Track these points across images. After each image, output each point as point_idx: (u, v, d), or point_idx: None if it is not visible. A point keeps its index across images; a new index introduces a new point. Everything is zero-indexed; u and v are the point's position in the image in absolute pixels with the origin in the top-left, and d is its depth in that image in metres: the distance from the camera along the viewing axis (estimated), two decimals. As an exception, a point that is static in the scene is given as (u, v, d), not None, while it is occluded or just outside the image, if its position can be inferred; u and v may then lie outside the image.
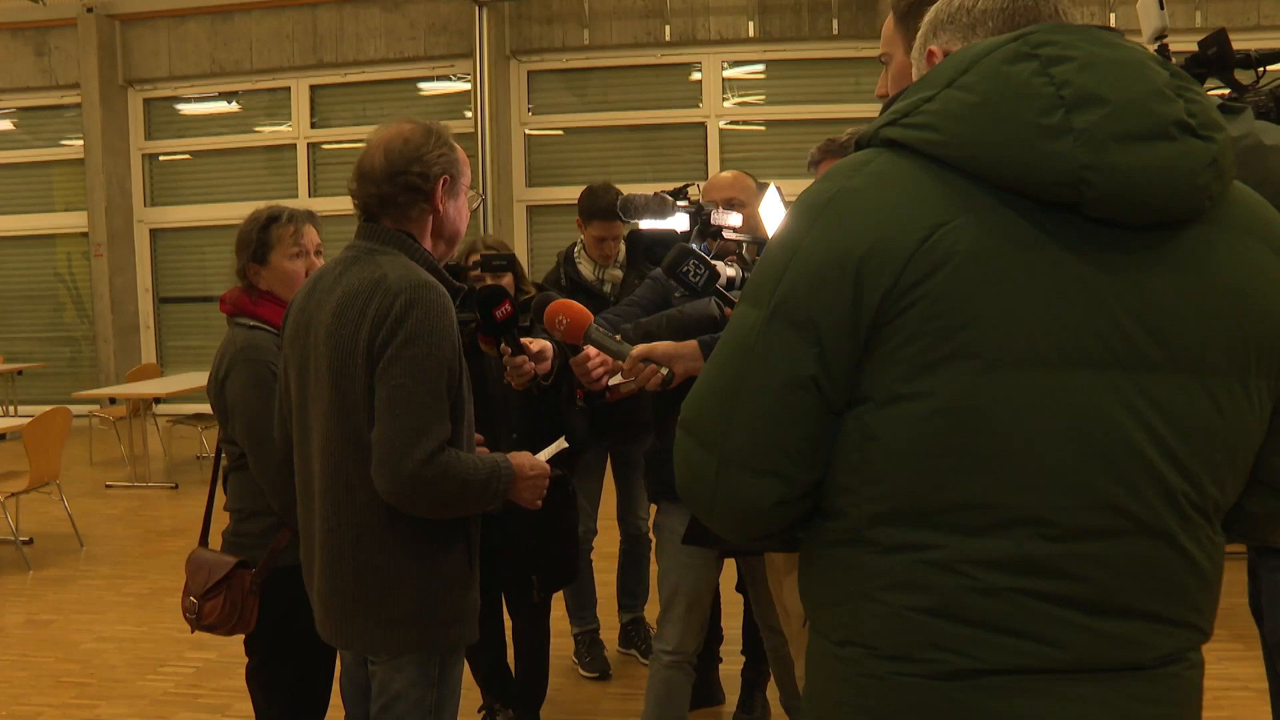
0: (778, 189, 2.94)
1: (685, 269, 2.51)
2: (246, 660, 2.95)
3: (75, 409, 8.86)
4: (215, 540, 2.97)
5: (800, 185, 3.04)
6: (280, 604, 2.73)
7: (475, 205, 2.53)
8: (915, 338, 1.22)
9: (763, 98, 11.09)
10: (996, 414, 1.21)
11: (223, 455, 2.92)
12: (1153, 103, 1.21)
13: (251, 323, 2.87)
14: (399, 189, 2.33)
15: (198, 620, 2.77)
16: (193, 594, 2.77)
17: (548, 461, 2.55)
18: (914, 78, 1.53)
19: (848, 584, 1.32)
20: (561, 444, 2.66)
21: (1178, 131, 1.21)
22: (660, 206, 2.84)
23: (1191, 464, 1.25)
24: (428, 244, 2.40)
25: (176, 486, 8.69)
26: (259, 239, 2.88)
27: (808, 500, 1.35)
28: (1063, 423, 1.21)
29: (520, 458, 2.46)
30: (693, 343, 2.67)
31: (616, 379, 2.77)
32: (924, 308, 1.21)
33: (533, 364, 2.95)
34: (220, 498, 3.02)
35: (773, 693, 3.83)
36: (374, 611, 2.33)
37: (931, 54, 1.51)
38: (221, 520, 2.98)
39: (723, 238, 2.84)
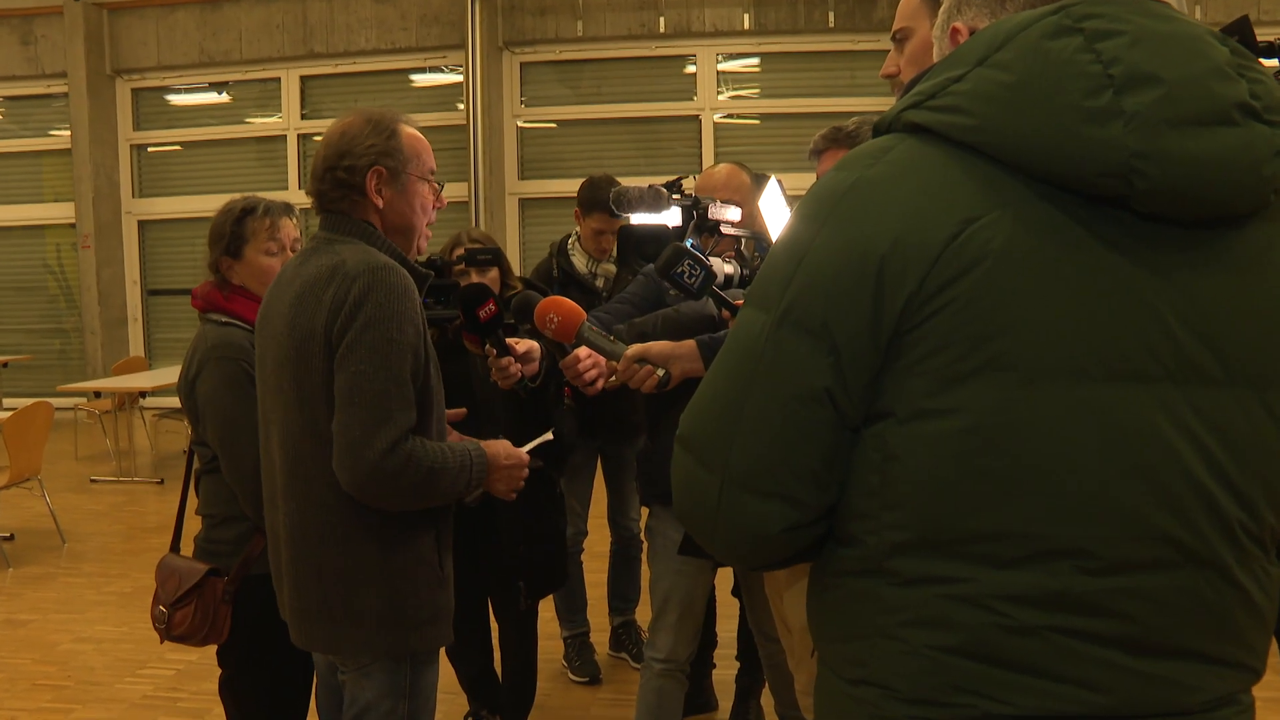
0: (779, 181, 2.82)
1: (679, 269, 2.39)
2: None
3: (62, 402, 8.77)
4: (188, 546, 2.85)
5: (795, 180, 2.95)
6: (254, 613, 2.62)
7: (436, 196, 2.39)
8: (943, 347, 1.10)
9: (757, 91, 10.97)
10: (1033, 433, 1.09)
11: (195, 458, 2.81)
12: (1213, 82, 1.08)
13: (224, 319, 2.74)
14: (329, 185, 2.26)
15: (168, 630, 2.66)
16: (162, 603, 2.66)
17: (531, 453, 2.47)
18: (935, 59, 1.41)
19: (863, 619, 1.20)
20: (547, 436, 2.59)
21: (1241, 115, 1.08)
22: (655, 200, 2.72)
23: (1249, 489, 1.13)
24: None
25: (162, 482, 8.56)
26: (233, 232, 2.76)
27: (820, 526, 1.22)
28: (1107, 443, 1.09)
29: (495, 446, 2.37)
30: (690, 342, 2.56)
31: (612, 381, 2.66)
32: (953, 314, 1.09)
33: (519, 365, 2.84)
34: (193, 501, 2.90)
35: (767, 700, 3.73)
36: (339, 613, 2.23)
37: (956, 31, 1.38)
38: (194, 525, 2.86)
39: (720, 233, 2.73)
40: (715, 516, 1.22)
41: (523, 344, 2.87)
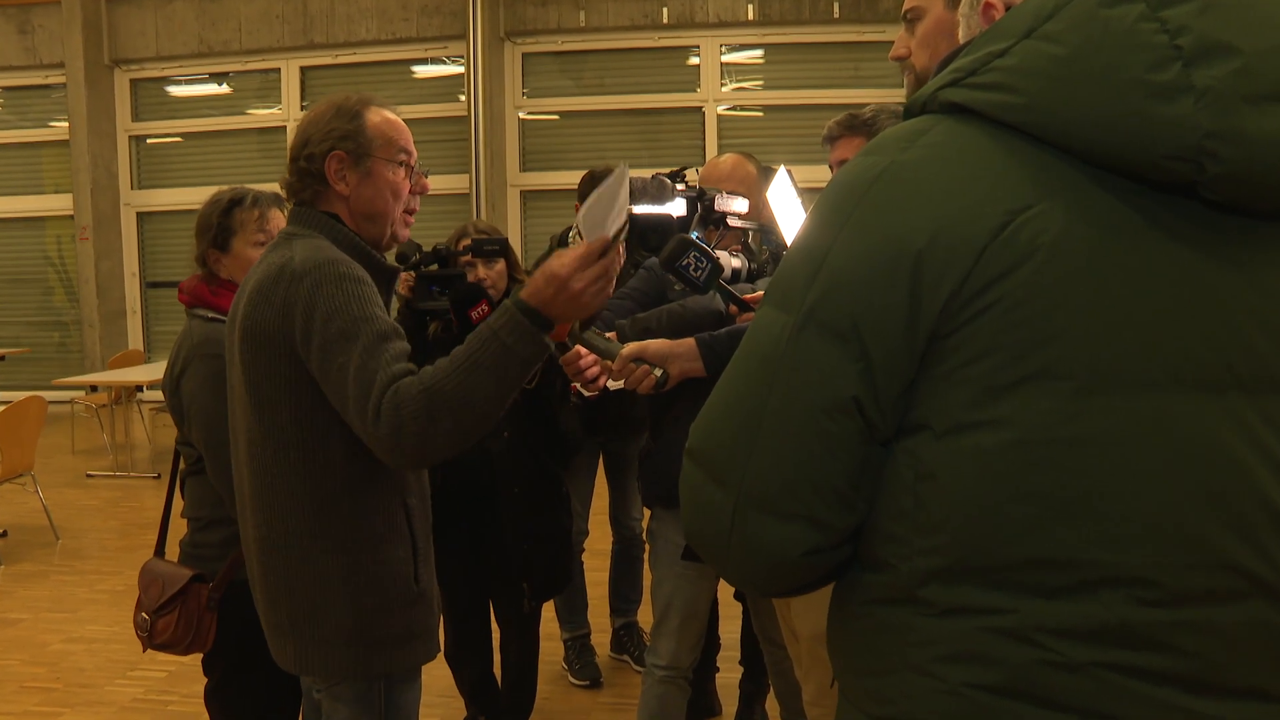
0: (788, 171, 2.71)
1: (685, 262, 2.29)
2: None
3: (59, 396, 8.68)
4: (174, 550, 2.76)
5: (797, 173, 2.84)
6: (240, 621, 2.50)
7: (417, 178, 2.25)
8: (987, 353, 0.99)
9: (761, 83, 10.87)
10: (1088, 449, 0.98)
11: (180, 458, 2.71)
12: None
13: (210, 315, 2.65)
14: (295, 176, 2.18)
15: (150, 639, 2.56)
16: (145, 609, 2.56)
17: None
18: (961, 39, 1.30)
19: (892, 651, 1.09)
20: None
21: None
22: (660, 191, 2.63)
23: None
24: (353, 224, 2.20)
25: (159, 476, 8.42)
26: (220, 224, 2.67)
27: (844, 549, 1.12)
28: (1171, 461, 0.99)
29: (536, 282, 1.95)
30: (689, 341, 2.46)
31: (615, 381, 2.56)
32: (998, 316, 0.98)
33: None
34: (179, 504, 2.80)
35: (772, 706, 3.64)
36: (305, 629, 2.12)
37: (989, 6, 1.26)
38: (180, 528, 2.77)
39: (726, 225, 2.63)
40: (729, 538, 1.11)
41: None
